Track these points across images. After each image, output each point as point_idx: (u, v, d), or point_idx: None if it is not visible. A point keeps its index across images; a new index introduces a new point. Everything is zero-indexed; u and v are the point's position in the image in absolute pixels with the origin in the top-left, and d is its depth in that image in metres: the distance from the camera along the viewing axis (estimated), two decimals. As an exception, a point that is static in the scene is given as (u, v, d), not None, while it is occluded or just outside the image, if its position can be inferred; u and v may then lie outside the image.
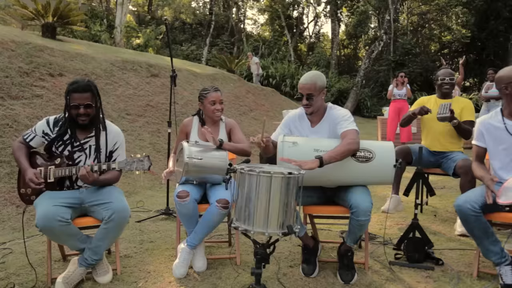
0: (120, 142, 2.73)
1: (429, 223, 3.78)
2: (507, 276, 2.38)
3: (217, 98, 2.94)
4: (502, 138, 2.61)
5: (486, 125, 2.70)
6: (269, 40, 25.12)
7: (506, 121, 2.61)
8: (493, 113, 2.71)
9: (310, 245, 2.72)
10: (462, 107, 3.62)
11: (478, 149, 2.74)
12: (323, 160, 2.28)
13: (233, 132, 3.05)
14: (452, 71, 3.77)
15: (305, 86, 2.59)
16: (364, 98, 16.84)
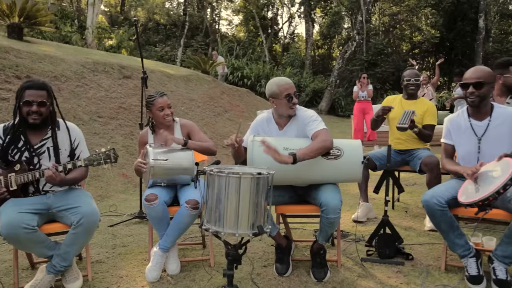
0: (79, 138, 2.65)
1: (401, 219, 3.86)
2: (472, 268, 2.46)
3: (164, 103, 2.89)
4: (468, 137, 2.68)
5: (453, 123, 2.77)
6: (244, 41, 25.13)
7: (471, 120, 2.69)
8: (460, 112, 2.79)
9: (283, 245, 2.74)
10: (425, 110, 3.72)
11: (446, 147, 2.82)
12: (296, 157, 2.30)
13: (192, 133, 3.01)
14: (418, 72, 3.86)
15: (290, 85, 2.63)
16: (338, 97, 17.06)
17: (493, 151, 2.56)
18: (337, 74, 16.96)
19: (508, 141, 2.58)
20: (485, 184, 2.28)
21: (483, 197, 2.19)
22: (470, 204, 2.25)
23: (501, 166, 2.32)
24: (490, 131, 2.61)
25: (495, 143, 2.59)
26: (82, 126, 6.07)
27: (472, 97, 2.58)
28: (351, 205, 4.31)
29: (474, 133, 2.65)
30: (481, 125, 2.64)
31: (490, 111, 2.64)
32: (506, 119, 2.58)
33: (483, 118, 2.65)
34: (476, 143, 2.64)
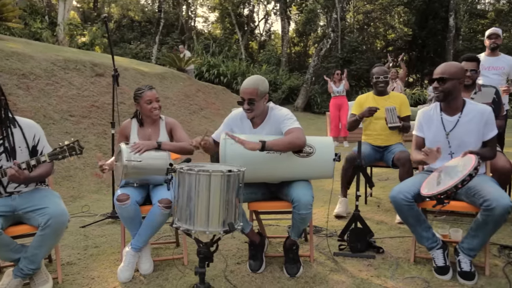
0: (39, 134, 2.56)
1: (373, 214, 3.94)
2: (439, 259, 2.54)
3: (152, 96, 2.88)
4: (437, 130, 2.75)
5: (426, 116, 2.84)
6: (220, 38, 25.02)
7: (442, 115, 2.76)
8: (433, 106, 2.86)
9: (256, 241, 2.75)
10: (400, 103, 3.81)
11: (417, 139, 2.88)
12: (265, 145, 2.31)
13: (174, 131, 3.01)
14: (386, 69, 3.94)
15: (247, 90, 2.56)
16: (314, 94, 17.19)
17: (462, 146, 2.64)
18: (313, 71, 17.09)
19: (476, 137, 2.66)
20: (446, 179, 2.36)
21: (441, 190, 2.26)
22: (430, 197, 2.32)
23: (464, 162, 2.39)
24: (459, 127, 2.67)
25: (463, 138, 2.66)
26: (53, 125, 5.93)
27: (436, 92, 2.65)
28: (325, 200, 4.37)
29: (443, 127, 2.72)
30: (451, 120, 2.71)
31: (462, 107, 2.71)
32: (475, 115, 2.65)
33: (454, 114, 2.72)
34: (445, 137, 2.71)
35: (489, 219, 2.29)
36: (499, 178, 3.31)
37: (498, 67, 4.38)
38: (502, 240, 3.11)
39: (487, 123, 2.63)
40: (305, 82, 17.10)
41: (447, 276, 2.50)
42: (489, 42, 4.45)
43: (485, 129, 2.64)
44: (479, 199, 2.34)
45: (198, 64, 17.28)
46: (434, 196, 2.30)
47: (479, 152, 2.54)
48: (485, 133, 2.65)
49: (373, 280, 2.52)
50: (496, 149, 2.77)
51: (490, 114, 2.64)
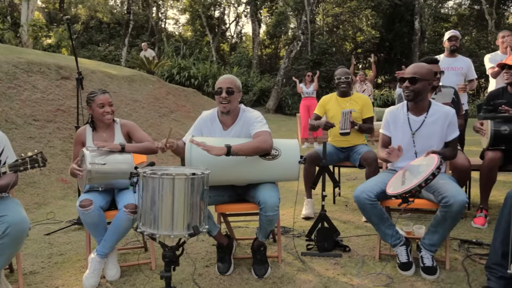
0: (4, 143, 2.48)
1: (341, 213, 4.01)
2: (402, 256, 2.61)
3: (105, 100, 2.83)
4: (403, 130, 2.83)
5: (392, 116, 2.91)
6: (191, 40, 24.86)
7: (409, 115, 2.84)
8: (401, 105, 2.93)
9: (224, 244, 2.75)
10: (362, 105, 3.90)
11: (384, 137, 2.96)
12: (231, 150, 2.32)
13: (132, 133, 2.96)
14: (348, 70, 4.03)
15: (227, 80, 2.61)
16: (285, 96, 17.34)
17: (426, 146, 2.73)
18: (284, 73, 17.24)
19: (439, 138, 2.76)
20: (411, 178, 2.44)
21: (406, 189, 2.34)
22: (395, 196, 2.40)
23: (427, 161, 2.48)
24: (424, 127, 2.76)
25: (428, 138, 2.75)
26: (16, 130, 5.73)
27: (407, 91, 2.72)
28: (294, 201, 4.41)
29: (409, 127, 2.80)
30: (417, 120, 2.79)
31: (428, 108, 2.80)
32: (440, 116, 2.75)
33: (420, 114, 2.80)
34: (411, 137, 2.79)
35: (447, 215, 2.38)
36: (458, 175, 3.45)
37: (456, 68, 4.56)
38: (462, 235, 3.23)
39: (450, 124, 2.73)
40: (276, 84, 17.23)
41: (410, 272, 2.57)
42: (449, 44, 4.62)
43: (448, 130, 2.74)
44: (438, 196, 2.42)
45: (169, 66, 17.13)
46: (399, 195, 2.37)
47: (441, 152, 2.64)
48: (447, 134, 2.75)
49: (340, 278, 2.56)
50: (457, 149, 2.88)
51: (453, 116, 2.75)
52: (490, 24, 23.21)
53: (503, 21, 25.17)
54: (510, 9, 26.42)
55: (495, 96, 3.64)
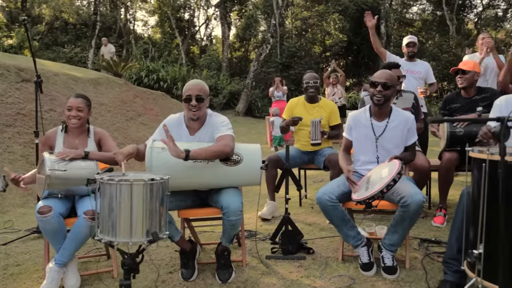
0: None
1: (306, 215, 4.05)
2: (364, 256, 2.66)
3: (73, 104, 2.78)
4: (367, 135, 2.88)
5: (355, 121, 2.96)
6: (160, 43, 24.54)
7: (372, 120, 2.89)
8: (363, 110, 2.99)
9: (187, 249, 2.72)
10: (329, 112, 3.94)
11: (346, 141, 3.01)
12: (189, 154, 2.30)
13: (103, 141, 2.92)
14: (316, 75, 4.06)
15: (196, 87, 2.59)
16: (255, 99, 17.38)
17: (389, 150, 2.79)
18: (253, 76, 17.28)
19: (400, 142, 2.83)
20: (374, 184, 2.49)
21: (369, 195, 2.38)
22: (359, 201, 2.44)
23: (389, 167, 2.54)
24: (387, 132, 2.82)
25: (390, 143, 2.82)
26: (-28, 136, 5.49)
27: (379, 95, 2.75)
28: (261, 204, 4.42)
29: (373, 132, 2.86)
30: (380, 126, 2.85)
31: (389, 113, 2.86)
32: (401, 122, 2.82)
33: (382, 119, 2.86)
34: (374, 142, 2.85)
35: (405, 215, 2.45)
36: (419, 176, 3.56)
37: (415, 72, 4.70)
38: (422, 234, 3.33)
39: (410, 130, 2.82)
40: (245, 87, 17.24)
41: (371, 272, 2.62)
42: (407, 50, 4.76)
43: (408, 135, 2.82)
44: (397, 197, 2.49)
45: (137, 69, 16.84)
46: (363, 200, 2.42)
47: (402, 156, 2.71)
48: (407, 138, 2.83)
49: (303, 281, 2.58)
50: (415, 152, 2.96)
51: (413, 121, 2.83)
52: (451, 29, 24.12)
53: (463, 26, 26.22)
54: (469, 16, 27.59)
55: (450, 101, 3.78)
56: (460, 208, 2.22)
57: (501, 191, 1.69)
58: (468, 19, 27.78)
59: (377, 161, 2.82)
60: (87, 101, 2.88)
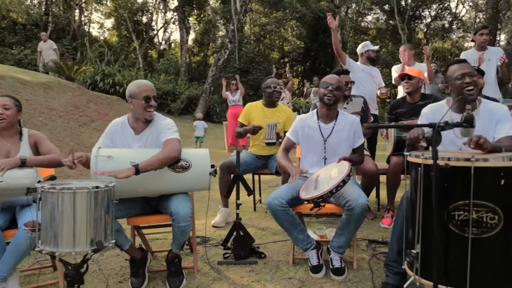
0: None
1: (260, 220, 4.09)
2: (313, 259, 2.73)
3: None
4: (314, 137, 2.96)
5: (303, 124, 3.03)
6: (116, 46, 23.95)
7: (319, 123, 2.98)
8: (310, 114, 3.07)
9: (137, 257, 2.68)
10: (286, 118, 4.01)
11: (288, 141, 3.07)
12: (139, 168, 2.27)
13: (40, 144, 2.77)
14: (279, 81, 4.13)
15: (152, 87, 2.62)
16: (213, 104, 17.36)
17: (336, 152, 2.89)
18: (211, 81, 17.26)
19: (347, 144, 2.94)
20: (323, 183, 2.56)
21: (318, 195, 2.45)
22: (308, 200, 2.50)
23: (338, 168, 2.62)
24: (334, 134, 2.92)
25: (338, 145, 2.92)
26: None
27: (330, 95, 2.85)
28: (216, 210, 4.41)
29: (321, 134, 2.94)
30: (327, 128, 2.94)
31: (336, 116, 2.97)
32: (346, 124, 2.94)
33: (330, 121, 2.96)
34: (322, 143, 2.94)
35: (351, 218, 2.54)
36: (367, 180, 3.70)
37: (373, 76, 4.90)
38: (370, 235, 3.45)
39: (356, 132, 2.94)
40: (204, 92, 17.18)
41: (320, 274, 2.69)
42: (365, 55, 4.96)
43: (354, 137, 2.94)
44: (343, 201, 2.57)
45: (91, 73, 16.34)
46: (311, 199, 2.47)
47: (350, 158, 2.81)
48: (354, 141, 2.95)
49: (254, 285, 2.61)
50: (363, 155, 3.08)
51: (358, 124, 2.95)
52: (403, 38, 25.22)
53: (414, 36, 27.49)
54: (419, 26, 28.99)
55: (396, 106, 3.97)
56: (401, 211, 2.33)
57: (434, 194, 1.79)
58: (419, 29, 29.18)
59: (325, 162, 2.92)
60: (15, 101, 2.74)
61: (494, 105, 2.44)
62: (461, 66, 2.35)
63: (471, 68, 2.38)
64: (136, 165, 2.27)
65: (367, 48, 4.98)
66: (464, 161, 1.81)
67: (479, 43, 4.78)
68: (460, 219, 1.84)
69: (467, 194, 1.81)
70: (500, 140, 2.31)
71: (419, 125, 2.13)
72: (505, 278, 1.82)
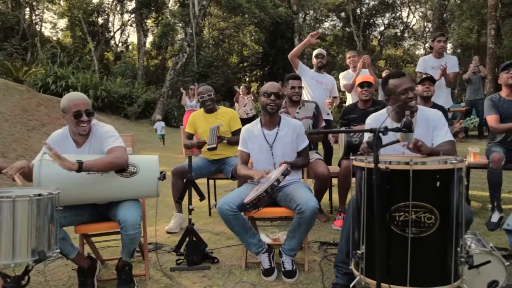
0: None
1: (215, 225, 4.08)
2: (265, 262, 2.76)
3: None
4: (261, 144, 3.01)
5: (249, 133, 3.07)
6: (70, 47, 23.11)
7: (263, 130, 3.02)
8: (255, 122, 3.11)
9: (85, 266, 2.60)
10: (229, 118, 4.05)
11: (242, 154, 3.10)
12: (82, 165, 2.21)
13: None
14: (211, 88, 4.15)
15: (84, 101, 2.50)
16: (171, 108, 17.14)
17: (283, 157, 2.94)
18: (169, 85, 17.05)
19: (292, 148, 3.00)
20: (262, 186, 2.60)
21: (255, 196, 2.49)
22: (247, 203, 2.53)
23: (278, 170, 2.67)
24: (278, 139, 2.98)
25: (283, 149, 2.98)
26: None
27: (273, 104, 2.90)
28: (170, 216, 4.37)
29: (266, 141, 2.99)
30: (271, 134, 3.00)
31: (279, 122, 3.02)
32: (289, 129, 3.00)
33: (273, 128, 3.01)
34: (269, 150, 2.98)
35: (301, 221, 2.59)
36: (320, 183, 3.79)
37: (323, 83, 5.02)
38: (323, 238, 3.54)
39: (299, 136, 3.00)
40: (162, 96, 16.93)
41: (272, 277, 2.73)
42: (317, 61, 5.08)
43: (297, 141, 3.00)
44: (293, 204, 2.62)
45: (43, 74, 15.68)
46: (250, 201, 2.51)
47: (294, 162, 2.88)
48: (298, 144, 3.01)
49: (206, 290, 2.60)
50: (308, 157, 3.15)
51: (301, 127, 3.02)
52: (358, 45, 26.08)
53: (369, 42, 28.50)
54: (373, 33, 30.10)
55: (348, 112, 4.10)
56: (348, 213, 2.41)
57: (375, 196, 1.88)
58: (373, 36, 30.29)
59: (274, 167, 2.96)
60: None
61: (430, 112, 2.59)
62: (403, 81, 2.47)
63: (411, 82, 2.51)
64: (81, 162, 2.20)
65: (313, 55, 5.14)
66: (403, 164, 1.91)
67: (437, 49, 4.90)
68: (401, 220, 1.93)
69: (406, 196, 1.91)
70: (439, 145, 2.46)
71: (358, 130, 2.22)
72: (440, 273, 1.93)
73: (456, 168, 1.92)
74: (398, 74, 2.52)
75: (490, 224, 3.59)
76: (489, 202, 3.79)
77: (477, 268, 2.31)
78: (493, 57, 12.57)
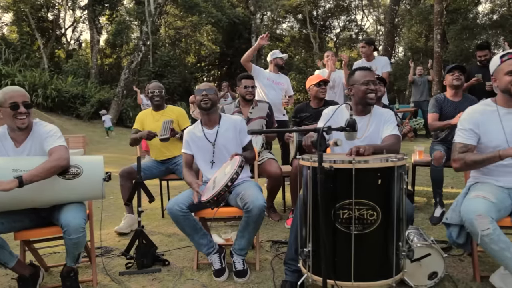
0: None
1: (168, 226, 4.02)
2: (216, 263, 2.75)
3: None
4: (203, 145, 3.00)
5: (191, 135, 3.04)
6: (16, 44, 21.94)
7: (204, 129, 3.02)
8: (196, 123, 3.10)
9: (27, 275, 2.48)
10: (177, 115, 4.03)
11: (186, 156, 3.07)
12: (23, 180, 2.11)
13: None
14: (161, 85, 4.12)
15: (20, 93, 2.40)
16: (126, 108, 16.71)
17: (226, 153, 2.94)
18: (124, 85, 16.62)
19: (235, 144, 3.02)
20: (219, 182, 2.58)
21: (215, 192, 2.46)
22: (207, 201, 2.50)
23: (232, 163, 2.67)
24: (220, 137, 2.99)
25: (226, 146, 2.99)
26: None
27: (206, 99, 2.92)
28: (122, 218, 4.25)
29: (207, 140, 2.98)
30: (212, 133, 3.00)
31: (219, 120, 3.03)
32: (230, 125, 3.03)
33: (213, 126, 3.01)
34: (211, 148, 2.98)
35: (249, 220, 2.61)
36: (272, 182, 3.83)
37: (279, 83, 5.09)
38: (275, 236, 3.57)
39: (241, 131, 3.03)
40: (116, 96, 16.47)
41: (223, 277, 2.72)
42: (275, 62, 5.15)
43: (241, 136, 3.03)
44: (242, 203, 2.63)
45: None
46: (211, 199, 2.48)
47: (244, 155, 2.89)
48: (242, 139, 3.04)
49: (156, 294, 2.56)
50: (254, 152, 3.17)
51: (242, 122, 3.06)
52: (315, 46, 26.62)
53: (325, 44, 29.14)
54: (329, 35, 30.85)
55: (301, 110, 4.18)
56: (297, 211, 2.45)
57: (320, 194, 1.92)
58: (329, 38, 31.01)
59: (212, 166, 2.99)
60: None
61: (383, 110, 2.72)
62: (367, 74, 2.59)
63: (374, 77, 2.62)
64: (20, 177, 2.10)
65: (275, 56, 5.19)
66: (347, 163, 1.96)
67: (361, 53, 5.47)
68: (345, 217, 1.99)
69: (350, 193, 1.97)
70: (385, 138, 2.56)
71: (303, 129, 2.26)
72: (383, 267, 2.00)
73: (396, 165, 1.99)
74: (365, 68, 2.63)
75: (433, 219, 3.78)
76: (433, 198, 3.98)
77: (419, 261, 2.43)
78: (439, 60, 13.22)
